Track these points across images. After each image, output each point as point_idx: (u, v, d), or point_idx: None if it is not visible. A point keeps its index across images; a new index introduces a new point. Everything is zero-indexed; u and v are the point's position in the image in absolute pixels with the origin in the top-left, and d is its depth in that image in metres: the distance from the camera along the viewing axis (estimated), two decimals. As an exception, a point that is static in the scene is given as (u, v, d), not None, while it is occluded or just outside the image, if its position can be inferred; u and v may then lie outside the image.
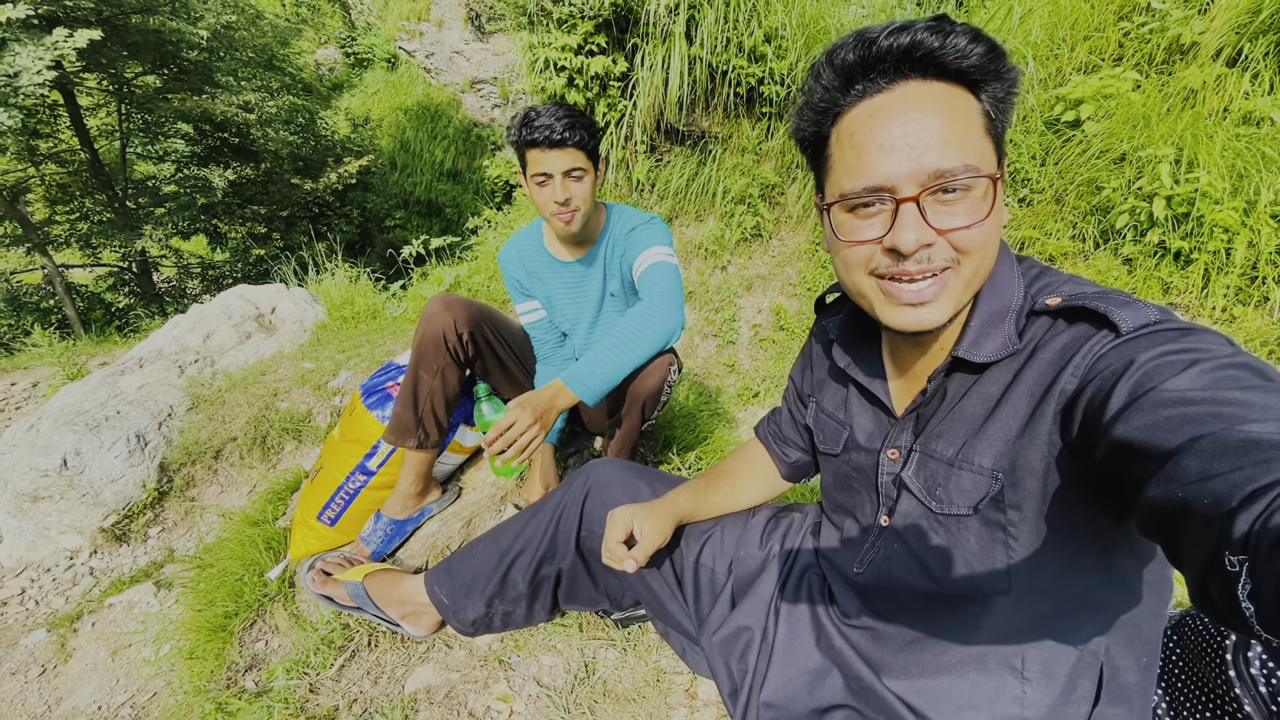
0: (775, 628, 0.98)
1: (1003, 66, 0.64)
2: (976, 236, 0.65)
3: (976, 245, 0.65)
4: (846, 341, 0.92)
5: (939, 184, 0.63)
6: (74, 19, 5.48)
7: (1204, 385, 0.50)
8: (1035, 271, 0.76)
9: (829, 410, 0.96)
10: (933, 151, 0.62)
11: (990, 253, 0.67)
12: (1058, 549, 0.68)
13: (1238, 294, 3.03)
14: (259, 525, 1.87)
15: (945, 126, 0.63)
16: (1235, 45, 3.43)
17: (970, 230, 0.64)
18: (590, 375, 1.29)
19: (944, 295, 0.67)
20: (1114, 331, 0.62)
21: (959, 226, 0.64)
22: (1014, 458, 0.68)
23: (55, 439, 2.27)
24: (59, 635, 1.90)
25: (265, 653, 1.52)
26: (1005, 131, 0.68)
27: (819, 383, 1.00)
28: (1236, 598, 0.37)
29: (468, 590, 1.23)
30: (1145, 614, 0.73)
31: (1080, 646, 0.73)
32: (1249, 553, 0.37)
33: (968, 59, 0.62)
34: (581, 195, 1.46)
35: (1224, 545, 0.39)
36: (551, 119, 1.37)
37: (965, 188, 0.63)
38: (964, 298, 0.69)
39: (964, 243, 0.65)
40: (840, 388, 0.95)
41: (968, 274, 0.67)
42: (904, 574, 0.82)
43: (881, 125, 0.65)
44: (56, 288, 7.06)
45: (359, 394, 1.75)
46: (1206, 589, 0.41)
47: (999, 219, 0.67)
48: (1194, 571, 0.42)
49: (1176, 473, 0.45)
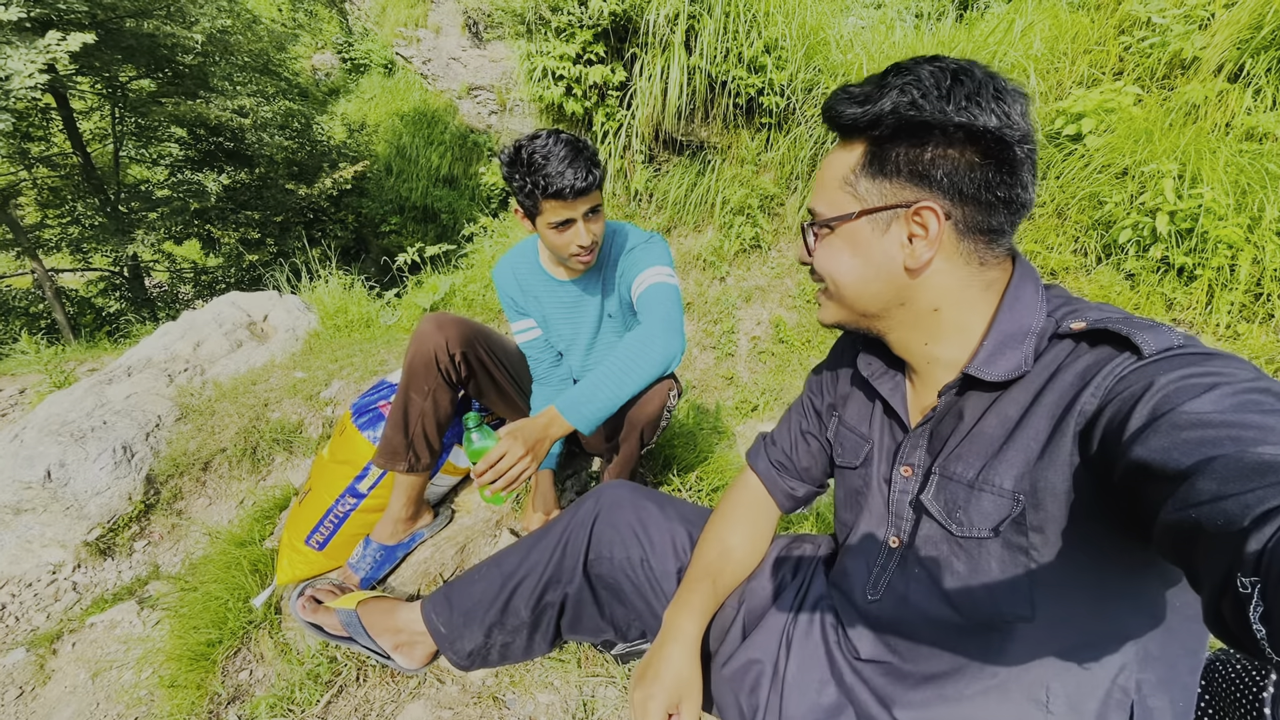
0: (787, 661, 0.95)
1: (882, 124, 0.71)
2: (821, 264, 0.80)
3: (825, 271, 0.80)
4: (872, 354, 0.92)
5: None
6: (67, 22, 5.43)
7: (1223, 409, 0.50)
8: (1062, 299, 0.76)
9: (851, 424, 0.95)
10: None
11: (847, 284, 0.78)
12: (1082, 573, 0.67)
13: (1242, 310, 3.02)
14: (245, 546, 1.82)
15: (817, 177, 0.81)
16: (1237, 61, 3.43)
17: (810, 260, 0.81)
18: (586, 403, 1.25)
19: (825, 304, 0.84)
20: (1136, 354, 0.62)
21: (806, 257, 0.82)
22: (1035, 479, 0.67)
23: (39, 450, 2.22)
24: (38, 655, 1.85)
25: (249, 684, 1.46)
26: (924, 170, 0.71)
27: (843, 396, 0.99)
28: (1248, 620, 0.37)
29: (466, 619, 1.18)
30: (1180, 654, 0.70)
31: (1108, 680, 0.70)
32: (1261, 574, 0.37)
33: (841, 119, 0.74)
34: (601, 230, 1.41)
35: (1236, 567, 0.39)
36: (565, 166, 1.27)
37: (827, 226, 0.78)
38: (838, 313, 0.83)
39: (817, 268, 0.81)
40: (865, 401, 0.94)
41: (834, 292, 0.81)
42: (921, 600, 0.80)
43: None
44: (46, 292, 6.98)
45: (349, 414, 1.70)
46: (1220, 611, 0.41)
47: (854, 254, 0.77)
48: (1207, 593, 0.42)
49: (1191, 494, 0.45)
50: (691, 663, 0.92)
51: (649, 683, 0.89)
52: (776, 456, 1.08)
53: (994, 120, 0.67)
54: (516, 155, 1.31)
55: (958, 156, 0.69)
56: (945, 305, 0.75)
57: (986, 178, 0.69)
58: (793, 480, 1.06)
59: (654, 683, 0.88)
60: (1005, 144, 0.68)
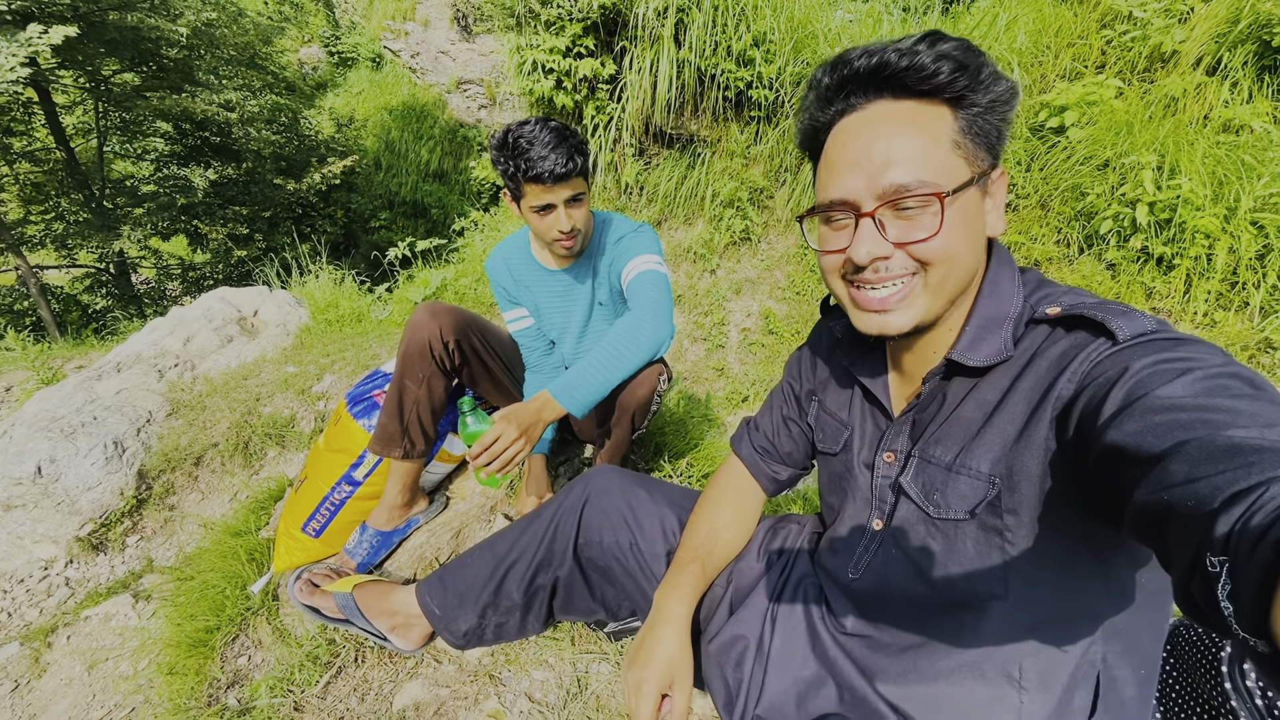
0: (771, 637, 0.97)
1: (975, 83, 0.66)
2: (935, 248, 0.68)
3: (936, 256, 0.68)
4: (851, 343, 0.93)
5: (895, 199, 0.66)
6: (49, 15, 5.35)
7: (1195, 393, 0.52)
8: (1036, 283, 0.77)
9: (831, 410, 0.97)
10: (891, 168, 0.66)
11: (959, 261, 0.70)
12: (1055, 554, 0.69)
13: (1218, 299, 3.08)
14: (241, 536, 1.83)
15: (906, 144, 0.66)
16: (1215, 54, 3.49)
17: (927, 243, 0.67)
18: (578, 387, 1.27)
19: (908, 303, 0.71)
20: (1111, 339, 0.63)
21: (916, 240, 0.68)
22: (1011, 463, 0.69)
23: (29, 446, 2.21)
24: (32, 649, 1.85)
25: (248, 668, 1.48)
26: (999, 139, 0.70)
27: (822, 382, 1.01)
28: (1217, 598, 0.38)
29: (460, 600, 1.20)
30: (1144, 625, 0.73)
31: (1077, 656, 0.72)
32: (1229, 553, 0.38)
33: (934, 78, 0.65)
34: (584, 217, 1.44)
35: (1205, 547, 0.40)
36: (549, 151, 1.32)
37: (924, 202, 0.66)
38: (934, 304, 0.72)
39: (923, 254, 0.68)
40: (844, 389, 0.96)
41: (935, 281, 0.70)
42: (900, 579, 0.82)
43: (848, 143, 0.70)
44: (31, 289, 6.89)
45: (345, 402, 1.71)
46: (1189, 591, 0.42)
47: (967, 228, 0.69)
48: (1178, 573, 0.43)
49: (1163, 476, 0.46)
50: (682, 644, 0.93)
51: (641, 665, 0.90)
52: (760, 442, 1.10)
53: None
54: (504, 139, 1.36)
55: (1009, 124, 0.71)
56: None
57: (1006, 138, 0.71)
58: (776, 464, 1.09)
59: (646, 665, 0.89)
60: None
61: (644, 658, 0.91)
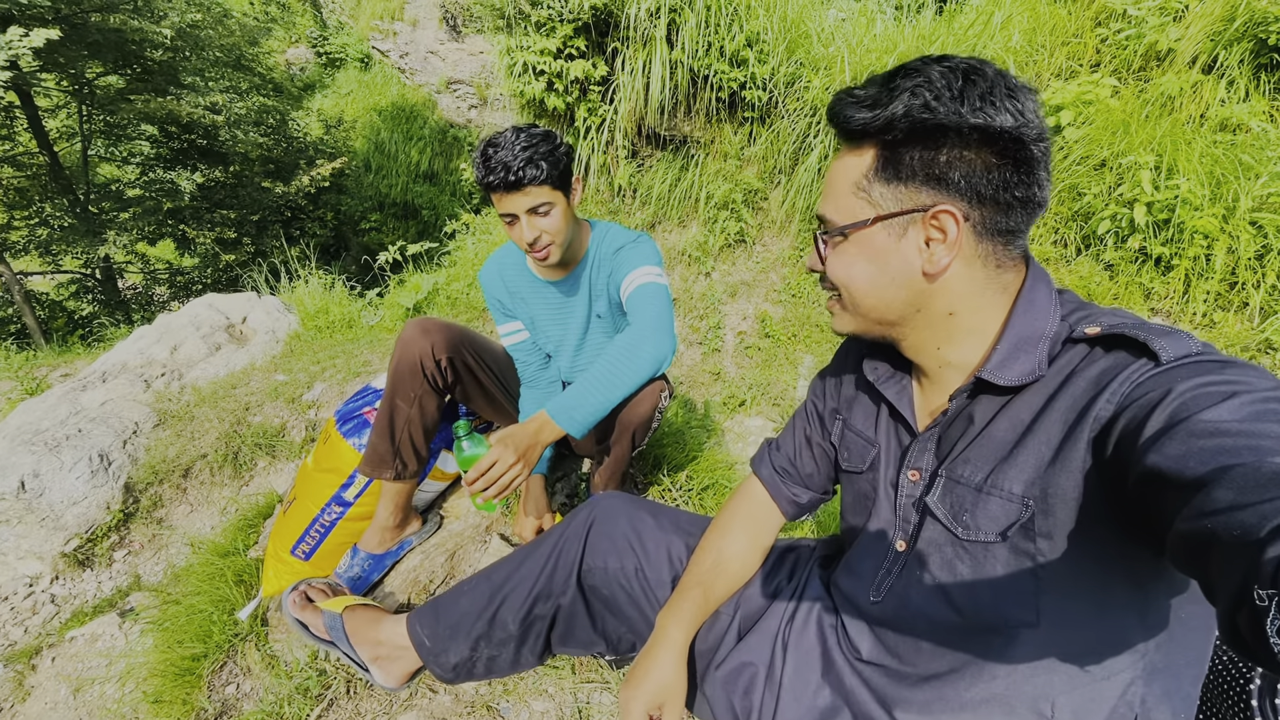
0: (782, 663, 0.94)
1: (889, 126, 0.69)
2: (835, 273, 0.78)
3: (839, 280, 0.78)
4: (878, 358, 0.91)
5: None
6: (30, 17, 5.27)
7: (1241, 418, 0.49)
8: (1075, 303, 0.75)
9: (857, 428, 0.95)
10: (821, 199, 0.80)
11: (860, 291, 0.77)
12: (1089, 581, 0.66)
13: (1218, 299, 3.07)
14: (229, 556, 1.78)
15: (829, 180, 0.78)
16: (1211, 52, 3.48)
17: (824, 267, 0.79)
18: (577, 407, 1.23)
19: (837, 315, 0.83)
20: (1153, 360, 0.61)
21: (818, 263, 0.80)
22: (1046, 485, 0.66)
23: (12, 460, 2.18)
24: (16, 671, 1.80)
25: (236, 698, 1.43)
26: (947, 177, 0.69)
27: (848, 400, 0.98)
28: (1265, 633, 0.36)
29: (453, 631, 1.16)
30: (1184, 664, 0.70)
31: (1115, 696, 0.70)
32: (1278, 586, 0.36)
33: (851, 123, 0.72)
34: (552, 228, 1.38)
35: (1252, 578, 0.38)
36: (508, 156, 1.28)
37: (829, 232, 0.77)
38: (856, 323, 0.81)
39: (830, 276, 0.79)
40: (871, 405, 0.94)
41: (850, 303, 0.79)
42: (924, 603, 0.79)
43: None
44: (14, 296, 6.80)
45: (333, 420, 1.67)
46: (1236, 624, 0.40)
47: (871, 264, 0.75)
48: (1223, 605, 0.41)
49: (1206, 503, 0.44)
50: (676, 668, 0.94)
51: (633, 685, 0.92)
52: (780, 462, 1.07)
53: (1009, 119, 0.66)
54: (481, 145, 1.34)
55: (974, 158, 0.68)
56: (960, 309, 0.75)
57: (1004, 178, 0.68)
58: (796, 486, 1.06)
59: (638, 685, 0.92)
60: (1022, 143, 0.67)
61: (638, 678, 0.93)
